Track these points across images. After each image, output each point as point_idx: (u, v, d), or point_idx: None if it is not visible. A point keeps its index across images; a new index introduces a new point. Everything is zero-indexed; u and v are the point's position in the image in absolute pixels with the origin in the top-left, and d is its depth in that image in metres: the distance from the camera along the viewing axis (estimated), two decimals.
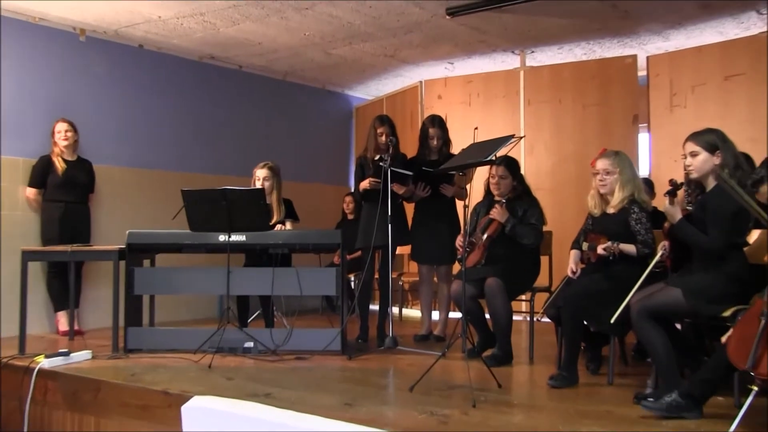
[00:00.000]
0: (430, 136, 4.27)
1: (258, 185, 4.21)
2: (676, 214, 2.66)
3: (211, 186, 3.65)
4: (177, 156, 5.70)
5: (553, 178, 5.45)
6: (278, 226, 4.11)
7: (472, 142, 3.60)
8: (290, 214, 4.28)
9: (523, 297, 3.90)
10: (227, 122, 6.08)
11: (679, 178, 2.76)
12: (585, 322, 3.16)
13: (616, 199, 3.16)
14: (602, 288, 3.05)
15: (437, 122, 4.29)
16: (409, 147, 4.65)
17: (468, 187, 3.49)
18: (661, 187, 3.15)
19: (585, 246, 3.26)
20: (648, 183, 4.27)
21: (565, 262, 3.34)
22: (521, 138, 3.72)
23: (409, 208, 4.44)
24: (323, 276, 3.87)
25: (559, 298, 3.18)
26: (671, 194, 2.65)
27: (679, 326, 2.97)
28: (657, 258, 2.85)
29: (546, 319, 3.40)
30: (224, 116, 6.07)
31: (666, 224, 2.84)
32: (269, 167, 4.28)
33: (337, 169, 7.10)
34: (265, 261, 4.01)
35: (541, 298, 3.63)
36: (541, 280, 3.80)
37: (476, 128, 3.61)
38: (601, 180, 3.19)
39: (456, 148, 4.20)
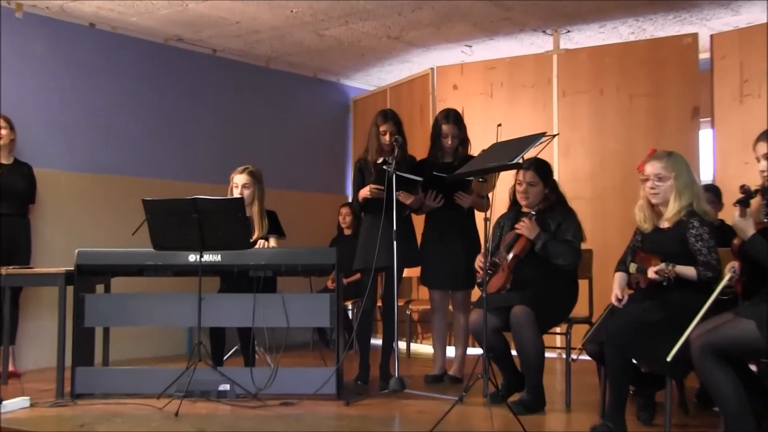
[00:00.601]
0: (444, 134, 4.31)
1: (236, 194, 4.23)
2: (749, 229, 2.65)
3: (180, 195, 3.67)
4: (138, 159, 5.73)
5: (592, 184, 5.46)
6: (260, 243, 4.11)
7: (494, 141, 3.65)
8: (275, 228, 4.30)
9: (558, 329, 3.90)
10: (199, 118, 6.13)
11: (753, 184, 2.73)
12: (634, 361, 3.14)
13: (671, 211, 3.15)
14: (655, 319, 3.03)
15: (452, 117, 4.32)
16: (419, 148, 4.68)
17: (489, 196, 3.50)
18: (730, 195, 3.15)
19: (633, 268, 3.25)
20: (712, 190, 4.27)
21: (608, 288, 3.33)
22: (554, 136, 3.65)
23: (419, 222, 4.46)
24: (315, 304, 3.89)
25: (602, 331, 3.17)
26: (742, 204, 2.63)
27: (753, 367, 2.95)
28: (724, 282, 2.83)
29: (586, 357, 3.37)
30: (195, 111, 6.12)
31: (735, 241, 2.83)
32: (249, 172, 4.30)
33: (331, 174, 7.15)
34: (244, 286, 4.02)
35: (579, 331, 3.61)
36: (580, 309, 3.81)
37: (499, 125, 3.64)
38: (651, 187, 3.18)
39: (475, 149, 4.23)
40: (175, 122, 5.98)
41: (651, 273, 3.10)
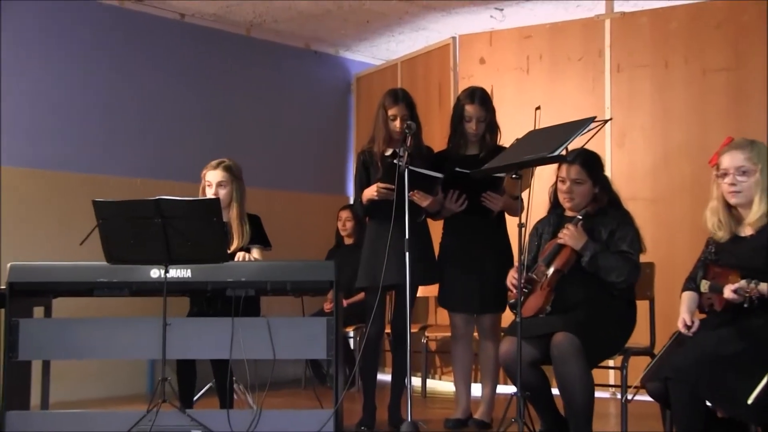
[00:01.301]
0: (468, 118, 4.31)
1: (210, 194, 4.26)
2: None
3: (141, 195, 3.70)
4: (88, 151, 5.74)
5: (655, 182, 5.46)
6: (240, 256, 4.13)
7: (531, 128, 3.68)
8: (258, 237, 4.34)
9: (611, 363, 3.89)
10: (164, 101, 6.14)
11: None
12: (708, 404, 3.13)
13: (756, 214, 3.15)
14: (733, 351, 3.01)
15: (478, 98, 4.33)
16: (437, 137, 4.74)
17: (524, 196, 3.51)
18: None
19: (705, 286, 3.24)
20: None
21: (673, 311, 3.33)
22: (606, 122, 3.67)
23: (436, 229, 4.47)
24: (308, 330, 3.90)
25: (667, 365, 3.15)
26: None
27: None
28: None
29: (646, 397, 3.36)
30: (159, 92, 6.13)
31: None
32: (225, 167, 4.34)
33: (328, 170, 7.18)
34: (220, 308, 4.04)
35: (638, 365, 3.60)
36: (638, 338, 3.80)
37: (538, 108, 3.63)
38: (731, 184, 3.18)
39: (507, 138, 4.23)
40: (133, 106, 5.98)
41: (728, 292, 3.08)
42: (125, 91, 5.96)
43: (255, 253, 4.25)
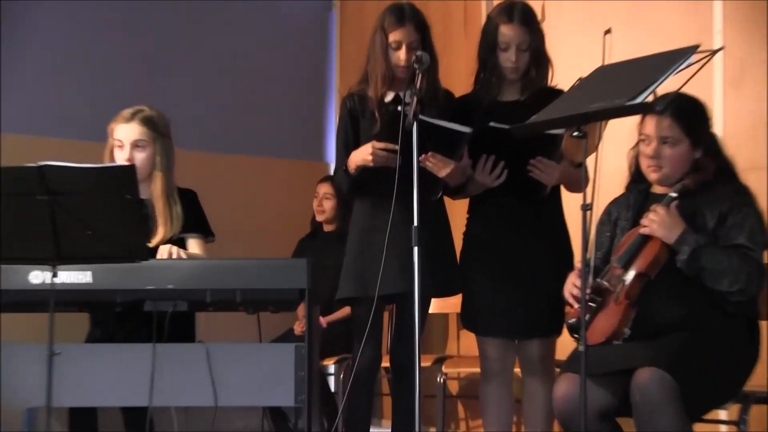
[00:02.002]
0: (504, 44, 4.29)
1: (121, 159, 4.32)
2: None
3: (21, 160, 3.70)
4: None
5: None
6: (166, 251, 4.14)
7: (600, 63, 3.66)
8: (194, 223, 4.40)
9: (723, 413, 3.95)
10: (67, 29, 6.22)
11: None
12: None
13: None
14: None
15: (519, 15, 4.30)
16: (460, 74, 4.75)
17: (591, 164, 3.48)
18: None
19: None
20: None
21: None
22: (714, 53, 3.62)
23: (456, 212, 4.54)
24: (266, 363, 3.94)
25: None
26: None
27: None
28: None
29: None
30: (58, 15, 6.19)
31: None
32: (144, 119, 4.37)
33: (300, 125, 7.29)
34: (135, 330, 4.08)
35: (761, 416, 3.59)
36: (764, 376, 3.85)
37: (608, 31, 3.58)
38: None
39: (563, 77, 4.25)
40: (17, 41, 6.03)
41: None
42: (10, 17, 5.99)
43: (192, 247, 4.31)
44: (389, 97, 4.28)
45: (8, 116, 5.78)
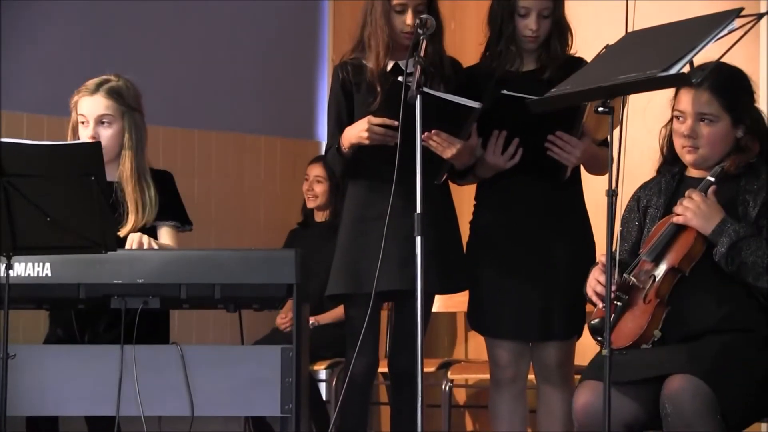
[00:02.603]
0: (523, 11, 4.24)
1: (85, 136, 4.24)
2: None
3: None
4: None
5: None
6: (135, 240, 4.08)
7: (626, 30, 3.64)
8: (169, 209, 4.34)
9: (765, 427, 4.00)
10: None
11: None
12: None
13: None
14: None
15: None
16: (470, 43, 4.77)
17: (616, 143, 3.41)
18: None
19: None
20: None
21: None
22: (760, 17, 3.54)
23: (463, 198, 4.48)
24: (249, 368, 3.92)
25: None
26: None
27: None
28: None
29: None
30: None
31: None
32: (111, 91, 4.29)
33: (289, 98, 7.26)
34: (101, 331, 4.10)
35: None
36: None
37: None
38: None
39: (587, 47, 4.13)
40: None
41: None
42: None
43: (164, 237, 4.26)
44: (389, 66, 4.23)
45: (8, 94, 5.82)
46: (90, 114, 4.23)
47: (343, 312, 4.63)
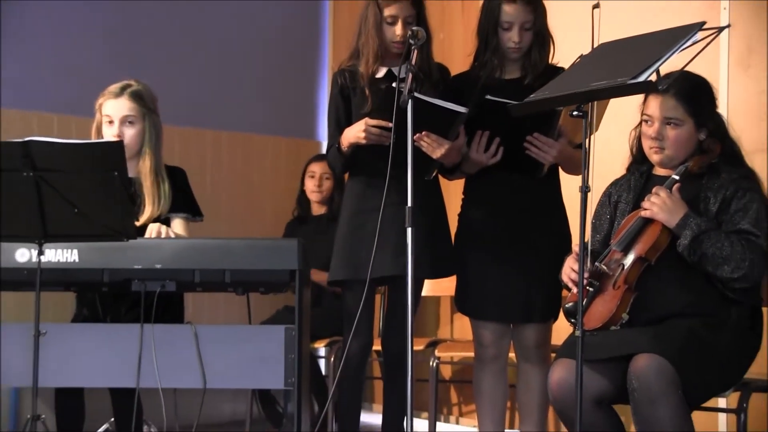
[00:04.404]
0: (506, 24, 4.31)
1: (109, 135, 4.31)
2: None
3: (5, 134, 3.69)
4: None
5: None
6: (154, 229, 4.17)
7: (599, 40, 3.65)
8: (182, 202, 4.42)
9: (722, 402, 3.94)
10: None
11: None
12: None
13: None
14: None
15: None
16: (458, 53, 4.77)
17: (590, 144, 3.46)
18: None
19: None
20: None
21: None
22: (721, 30, 3.59)
23: (452, 192, 4.57)
24: (256, 345, 3.95)
25: None
26: None
27: None
28: None
29: None
30: None
31: None
32: (134, 94, 4.37)
33: (291, 101, 7.26)
34: (122, 310, 4.12)
35: (761, 405, 3.60)
36: (763, 365, 3.85)
37: (596, 6, 3.56)
38: None
39: (566, 56, 4.20)
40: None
41: None
42: None
43: (176, 227, 4.32)
44: (381, 73, 4.30)
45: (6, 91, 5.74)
46: (115, 115, 4.29)
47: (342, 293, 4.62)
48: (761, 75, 5.39)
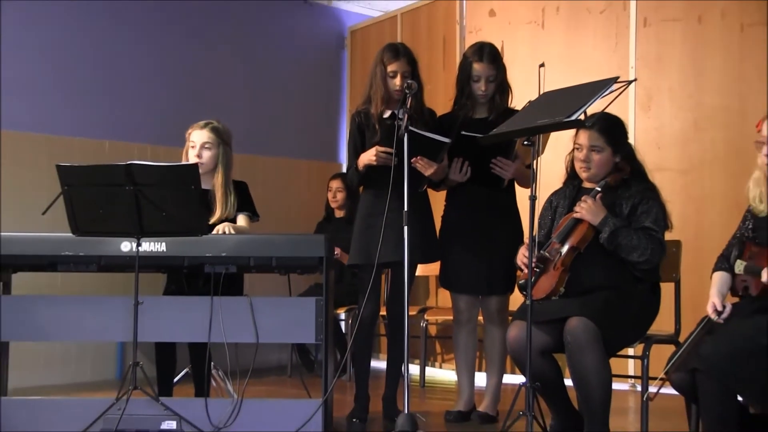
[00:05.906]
0: (476, 77, 4.33)
1: (193, 156, 4.34)
2: None
3: (110, 160, 3.68)
4: (50, 110, 5.72)
5: (684, 151, 5.39)
6: (222, 228, 4.15)
7: (539, 88, 3.64)
8: (245, 205, 4.41)
9: (631, 351, 3.90)
10: (135, 56, 6.14)
11: None
12: (739, 398, 3.12)
13: None
14: None
15: (487, 55, 4.33)
16: (441, 98, 4.76)
17: (536, 164, 3.51)
18: None
19: (740, 267, 3.26)
20: None
21: (702, 294, 3.35)
22: (630, 83, 3.69)
23: (437, 201, 4.51)
24: (294, 312, 3.94)
25: (694, 355, 3.15)
26: None
27: None
28: None
29: (670, 390, 3.36)
30: (130, 45, 6.13)
31: None
32: (213, 128, 4.39)
33: (319, 134, 7.22)
34: (198, 286, 4.10)
35: (661, 354, 3.60)
36: (662, 324, 3.82)
37: (542, 65, 3.61)
38: None
39: (520, 100, 4.25)
40: (101, 61, 5.96)
41: (766, 276, 3.08)
42: (90, 47, 5.93)
43: (240, 221, 4.31)
44: (387, 113, 4.27)
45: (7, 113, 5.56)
46: (198, 141, 4.30)
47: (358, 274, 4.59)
48: (658, 115, 5.47)
